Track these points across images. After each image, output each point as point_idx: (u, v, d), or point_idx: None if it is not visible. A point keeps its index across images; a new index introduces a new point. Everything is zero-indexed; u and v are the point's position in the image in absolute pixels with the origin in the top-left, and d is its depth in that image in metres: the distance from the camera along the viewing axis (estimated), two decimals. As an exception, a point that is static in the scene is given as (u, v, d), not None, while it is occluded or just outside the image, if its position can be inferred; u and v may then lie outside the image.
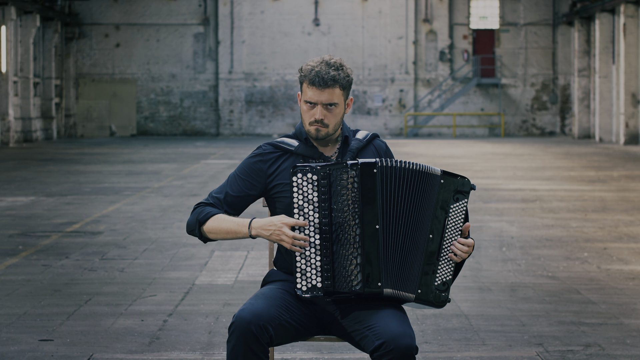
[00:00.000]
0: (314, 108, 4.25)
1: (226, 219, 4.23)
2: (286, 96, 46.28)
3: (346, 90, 4.28)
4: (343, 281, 4.05)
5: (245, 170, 4.33)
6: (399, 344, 3.94)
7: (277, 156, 4.33)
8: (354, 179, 4.04)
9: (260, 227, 4.13)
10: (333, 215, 4.06)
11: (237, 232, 4.19)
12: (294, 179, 4.08)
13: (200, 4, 46.40)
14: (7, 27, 36.72)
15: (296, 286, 4.09)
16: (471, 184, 4.20)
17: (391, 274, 4.08)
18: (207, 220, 4.25)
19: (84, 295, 8.15)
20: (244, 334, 3.97)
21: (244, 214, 4.97)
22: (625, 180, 20.43)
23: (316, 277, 4.07)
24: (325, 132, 4.27)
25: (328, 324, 4.24)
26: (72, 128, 46.05)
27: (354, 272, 4.03)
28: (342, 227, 4.05)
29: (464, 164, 25.50)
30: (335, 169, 4.06)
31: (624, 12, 36.25)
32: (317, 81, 4.22)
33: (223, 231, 4.22)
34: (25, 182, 19.63)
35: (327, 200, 4.06)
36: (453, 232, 4.18)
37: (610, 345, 6.50)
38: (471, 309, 7.57)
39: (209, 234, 4.26)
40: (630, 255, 10.44)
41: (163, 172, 22.72)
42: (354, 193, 4.04)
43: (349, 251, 4.04)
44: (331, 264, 4.05)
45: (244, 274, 9.22)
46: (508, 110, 46.72)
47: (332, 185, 4.06)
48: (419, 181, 4.12)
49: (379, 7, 46.34)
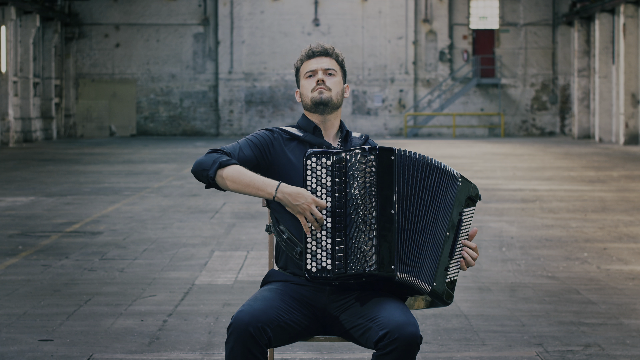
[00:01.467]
0: (315, 75, 4.34)
1: (250, 172, 4.16)
2: (286, 96, 46.27)
3: (341, 67, 4.40)
4: (357, 262, 4.04)
5: (257, 139, 4.33)
6: (404, 332, 3.94)
7: (287, 138, 4.35)
8: (372, 162, 4.05)
9: (289, 194, 4.09)
10: (348, 199, 4.06)
11: (260, 189, 4.12)
12: (308, 163, 4.08)
13: (200, 4, 46.39)
14: (7, 27, 36.72)
15: (305, 267, 4.08)
16: (479, 194, 4.31)
17: (406, 260, 4.09)
18: (229, 165, 4.16)
19: (84, 295, 8.15)
20: (242, 336, 3.96)
21: (244, 211, 4.96)
22: (625, 180, 20.43)
23: (327, 259, 4.06)
24: (329, 96, 4.31)
25: (328, 324, 4.23)
26: (72, 128, 46.04)
27: (369, 254, 4.03)
28: (357, 210, 4.05)
29: (463, 164, 25.49)
30: (351, 153, 4.07)
31: (623, 12, 36.25)
32: (315, 51, 4.37)
33: (244, 182, 4.13)
34: (25, 182, 19.63)
35: (341, 184, 4.06)
36: (464, 235, 4.25)
37: (610, 345, 6.50)
38: (471, 309, 7.57)
39: (225, 180, 4.15)
40: (630, 255, 10.44)
41: (163, 172, 22.72)
42: (372, 177, 4.05)
43: (364, 233, 4.04)
44: (344, 245, 4.05)
45: (243, 274, 9.21)
46: (508, 110, 46.72)
47: (348, 169, 4.07)
48: (436, 175, 4.16)
49: (378, 7, 46.34)
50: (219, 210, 14.59)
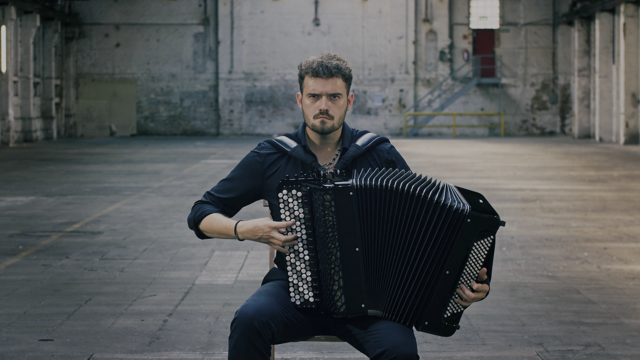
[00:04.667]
0: (318, 100, 4.21)
1: (217, 219, 4.25)
2: (286, 96, 46.27)
3: (348, 83, 4.24)
4: (329, 301, 4.04)
5: (243, 171, 4.34)
6: (401, 352, 3.91)
7: (275, 158, 4.32)
8: (331, 203, 3.97)
9: (247, 232, 4.15)
10: (316, 234, 4.03)
11: (227, 234, 4.22)
12: (280, 195, 4.05)
13: (200, 4, 46.39)
14: (7, 27, 36.72)
15: (290, 299, 4.10)
16: (500, 221, 3.99)
17: (380, 295, 4.01)
18: (202, 220, 4.29)
19: (84, 295, 8.15)
20: (247, 330, 3.96)
21: (244, 211, 4.98)
22: (625, 180, 20.43)
23: (308, 291, 4.06)
24: (331, 125, 4.23)
25: (331, 324, 4.23)
26: (72, 128, 46.05)
27: (337, 294, 4.01)
28: (324, 247, 4.02)
29: (464, 163, 25.50)
30: (314, 191, 4.00)
31: (624, 12, 36.24)
32: (321, 70, 4.18)
33: (215, 232, 4.26)
34: (25, 182, 19.62)
35: (310, 220, 4.03)
36: (471, 270, 4.02)
37: (610, 345, 6.50)
38: (471, 309, 7.57)
39: (204, 232, 4.31)
40: (630, 255, 10.44)
41: (163, 172, 22.72)
42: (332, 217, 3.98)
43: (331, 272, 4.01)
44: (319, 281, 4.05)
45: (244, 274, 9.21)
46: (508, 110, 46.71)
47: (314, 204, 4.02)
48: (414, 205, 3.96)
49: (379, 7, 46.33)
50: (219, 210, 14.59)
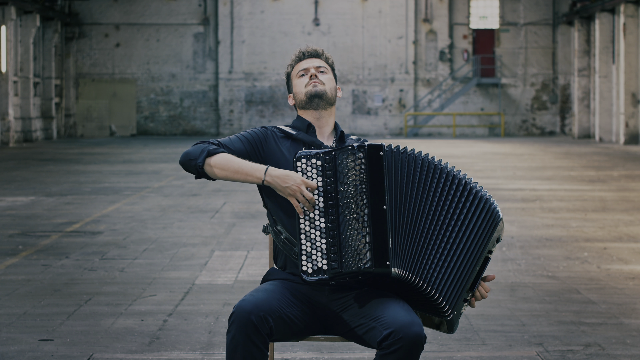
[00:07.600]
0: (307, 72, 4.40)
1: (238, 159, 4.17)
2: (286, 96, 46.27)
3: (332, 69, 4.44)
4: (352, 260, 4.02)
5: (250, 135, 4.34)
6: (408, 332, 3.93)
7: (281, 136, 4.36)
8: (362, 159, 4.04)
9: (277, 177, 4.10)
10: (339, 197, 4.05)
11: (248, 174, 4.13)
12: (299, 165, 4.09)
13: (200, 4, 46.39)
14: (7, 27, 36.72)
15: (302, 269, 4.07)
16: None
17: (404, 256, 4.06)
18: (217, 154, 4.18)
19: (84, 295, 8.15)
20: (244, 324, 3.96)
21: (244, 211, 4.96)
22: (625, 180, 20.43)
23: (322, 259, 4.06)
24: (323, 89, 4.35)
25: (330, 323, 4.23)
26: (72, 128, 46.04)
27: (363, 252, 4.01)
28: (349, 208, 4.04)
29: (464, 163, 25.49)
30: (340, 152, 4.07)
31: (624, 12, 36.25)
32: (305, 53, 4.43)
33: (232, 169, 4.14)
34: (25, 182, 19.63)
35: (332, 184, 4.06)
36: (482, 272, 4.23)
37: (610, 345, 6.50)
38: (471, 309, 7.57)
39: (213, 168, 4.16)
40: (630, 255, 10.44)
41: (163, 172, 22.72)
42: (362, 174, 4.04)
43: (357, 231, 4.02)
44: (338, 244, 4.04)
45: (244, 274, 9.21)
46: (508, 110, 46.71)
47: (338, 167, 4.06)
48: (441, 177, 4.15)
49: (379, 7, 46.34)
50: (219, 210, 14.59)
